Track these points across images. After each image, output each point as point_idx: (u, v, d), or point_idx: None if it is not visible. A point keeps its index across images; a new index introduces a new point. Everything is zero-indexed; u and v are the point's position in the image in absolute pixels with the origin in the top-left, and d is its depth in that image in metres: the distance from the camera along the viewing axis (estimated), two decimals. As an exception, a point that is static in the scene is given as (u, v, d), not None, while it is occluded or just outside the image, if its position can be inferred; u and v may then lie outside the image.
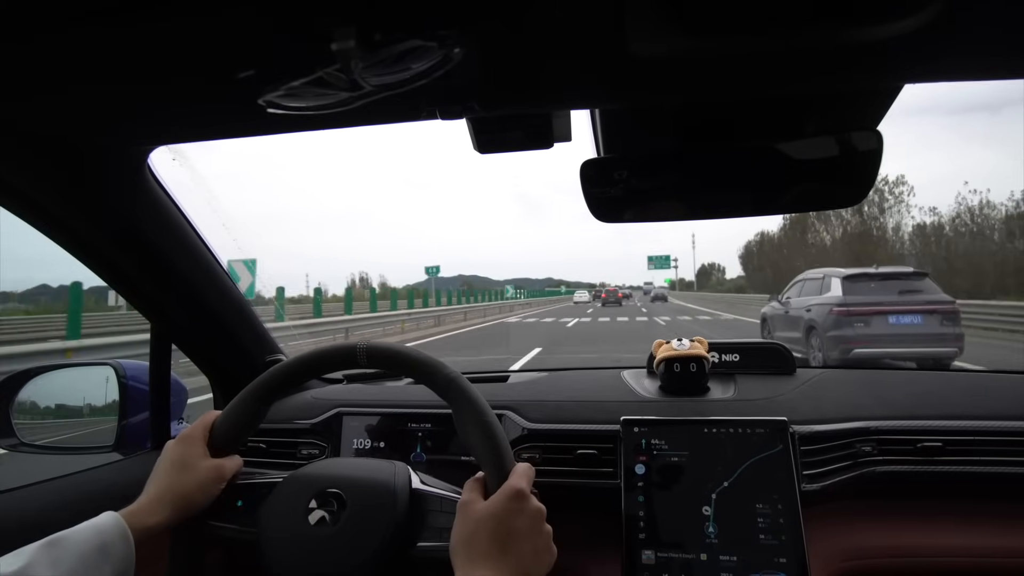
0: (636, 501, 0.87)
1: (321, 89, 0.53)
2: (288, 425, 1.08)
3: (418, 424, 1.04)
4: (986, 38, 0.55)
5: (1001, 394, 1.00)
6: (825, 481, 0.87)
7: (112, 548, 0.60)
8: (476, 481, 0.64)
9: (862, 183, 0.77)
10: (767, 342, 1.18)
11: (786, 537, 0.81)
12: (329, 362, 0.75)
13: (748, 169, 0.79)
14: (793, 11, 0.49)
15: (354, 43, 0.46)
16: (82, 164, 0.78)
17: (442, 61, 0.50)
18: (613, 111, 0.78)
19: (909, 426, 0.92)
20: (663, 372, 1.06)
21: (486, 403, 0.67)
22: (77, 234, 0.88)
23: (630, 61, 0.57)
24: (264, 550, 0.66)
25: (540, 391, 1.10)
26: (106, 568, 0.59)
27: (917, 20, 0.49)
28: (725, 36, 0.53)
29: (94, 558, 0.58)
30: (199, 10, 0.46)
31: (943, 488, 0.91)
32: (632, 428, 0.92)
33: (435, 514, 0.67)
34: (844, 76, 0.64)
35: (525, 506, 0.60)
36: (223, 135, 0.77)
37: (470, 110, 0.68)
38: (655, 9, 0.48)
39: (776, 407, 0.96)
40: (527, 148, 0.78)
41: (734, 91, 0.69)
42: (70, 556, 0.57)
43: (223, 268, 1.07)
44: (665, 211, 0.85)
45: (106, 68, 0.55)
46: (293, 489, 0.69)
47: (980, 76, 0.64)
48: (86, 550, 0.58)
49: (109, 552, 0.60)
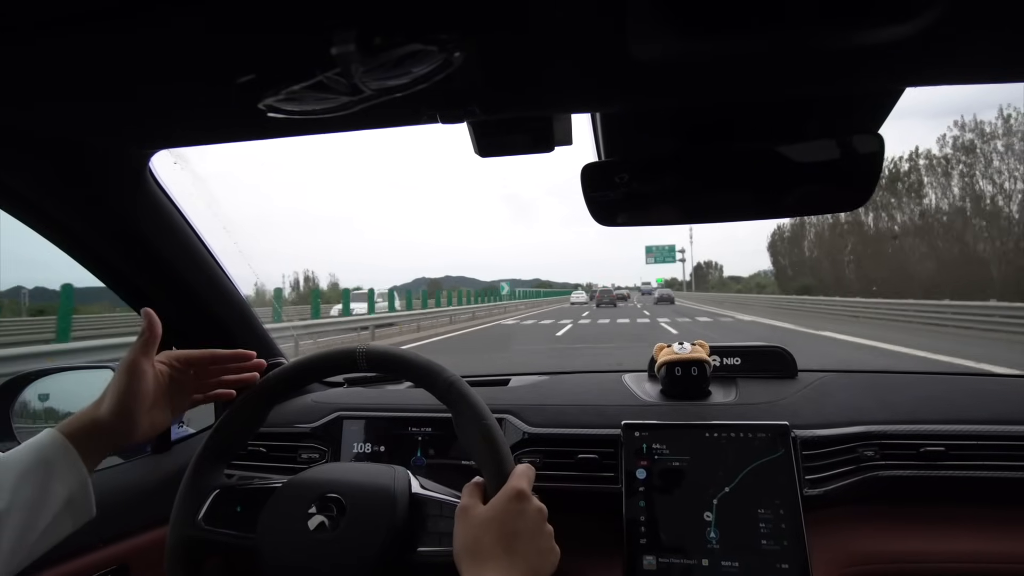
0: (637, 506, 0.87)
1: (322, 93, 0.53)
2: (288, 429, 1.08)
3: (418, 428, 1.03)
4: (986, 41, 0.55)
5: (1004, 398, 0.99)
6: (827, 486, 0.87)
7: (56, 464, 0.58)
8: (475, 486, 0.64)
9: (864, 186, 0.77)
10: (769, 345, 1.18)
11: (788, 543, 0.80)
12: (329, 366, 0.75)
13: (749, 172, 0.79)
14: (793, 15, 0.49)
15: (355, 47, 0.46)
16: (84, 167, 0.79)
17: (443, 65, 0.50)
18: (614, 114, 0.78)
19: (912, 430, 0.92)
20: (664, 376, 1.05)
21: (486, 407, 0.67)
22: (78, 237, 0.88)
23: (631, 64, 0.57)
24: (263, 556, 0.65)
25: (541, 395, 1.10)
26: (54, 485, 0.58)
27: (917, 24, 0.49)
28: (726, 39, 0.53)
29: (36, 474, 0.57)
30: (201, 13, 0.46)
31: (946, 493, 0.90)
32: (633, 432, 0.91)
33: (435, 519, 0.67)
34: (845, 79, 0.64)
35: (526, 507, 0.60)
36: (224, 139, 0.78)
37: (471, 114, 0.68)
38: (656, 12, 0.48)
39: (778, 411, 0.96)
40: (528, 152, 0.78)
41: (735, 94, 0.69)
42: (11, 474, 0.56)
43: (224, 271, 1.07)
44: (666, 214, 0.85)
45: (108, 72, 0.56)
46: (292, 494, 0.69)
47: (980, 79, 0.64)
48: (26, 468, 0.57)
49: (53, 468, 0.58)
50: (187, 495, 0.71)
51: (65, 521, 0.59)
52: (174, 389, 0.72)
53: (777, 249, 50.46)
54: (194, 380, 0.75)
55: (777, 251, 50.62)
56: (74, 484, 0.59)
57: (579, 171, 0.81)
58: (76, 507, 0.60)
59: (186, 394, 0.74)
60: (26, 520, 0.56)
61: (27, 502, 0.56)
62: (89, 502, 0.62)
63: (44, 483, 0.57)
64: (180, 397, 0.73)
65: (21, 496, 0.56)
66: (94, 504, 0.62)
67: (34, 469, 0.57)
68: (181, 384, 0.73)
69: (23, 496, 0.56)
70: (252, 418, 0.75)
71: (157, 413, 0.69)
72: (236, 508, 0.71)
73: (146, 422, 0.67)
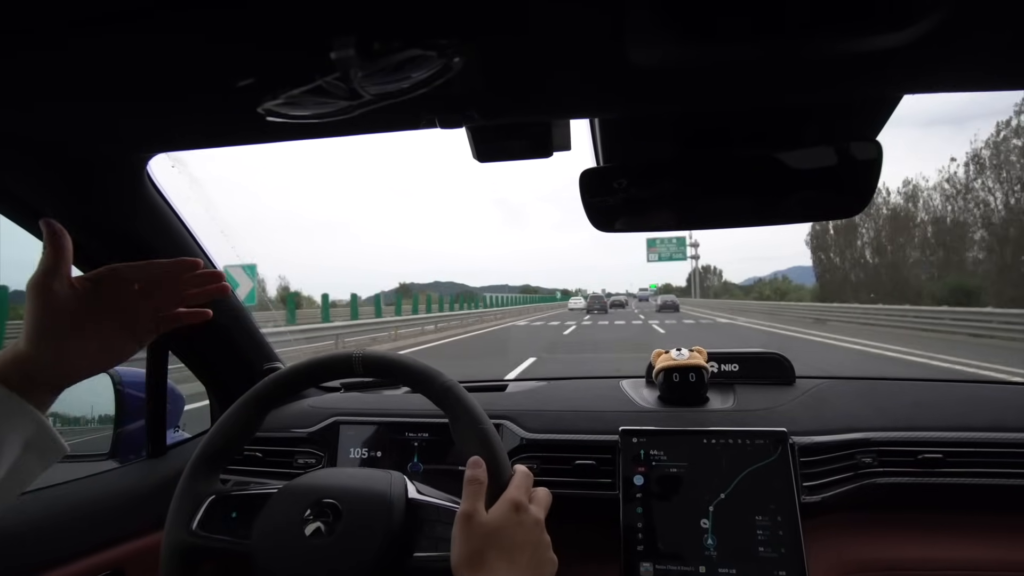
0: (635, 512, 0.86)
1: (321, 98, 0.53)
2: (285, 434, 1.07)
3: (415, 433, 1.03)
4: (984, 49, 0.56)
5: (1001, 405, 0.99)
6: (825, 493, 0.87)
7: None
8: (475, 490, 0.63)
9: (863, 193, 0.77)
10: (767, 352, 1.18)
11: (786, 550, 0.80)
12: (326, 370, 0.75)
13: (748, 178, 0.79)
14: (792, 22, 0.49)
15: (354, 52, 0.46)
16: (81, 170, 0.78)
17: (442, 70, 0.50)
18: (613, 120, 0.79)
19: (909, 437, 0.92)
20: (662, 382, 1.05)
21: (483, 412, 0.67)
22: (74, 240, 0.88)
23: (630, 70, 0.57)
24: (258, 562, 0.65)
25: (538, 400, 1.10)
26: (3, 431, 0.53)
27: (915, 31, 0.49)
28: (724, 45, 0.53)
29: None
30: (200, 18, 0.46)
31: (944, 500, 0.90)
32: (631, 438, 0.91)
33: (432, 524, 0.67)
34: (843, 86, 0.65)
35: (524, 517, 0.60)
36: (223, 143, 0.77)
37: (470, 119, 0.68)
38: (655, 18, 0.48)
39: (775, 418, 0.96)
40: (526, 157, 0.78)
41: (734, 100, 0.70)
42: None
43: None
44: (664, 220, 0.85)
45: (106, 76, 0.55)
46: (288, 500, 0.68)
47: (978, 87, 0.65)
48: None
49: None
50: (182, 500, 0.71)
51: (31, 461, 0.55)
52: (120, 308, 0.63)
53: (821, 244, 40.90)
54: (145, 298, 0.65)
55: (823, 246, 40.78)
56: (28, 426, 0.55)
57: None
58: (39, 447, 0.56)
59: (142, 313, 0.65)
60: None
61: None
62: (54, 440, 0.57)
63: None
64: (133, 318, 0.64)
65: None
66: (62, 441, 0.57)
67: None
68: (127, 303, 0.64)
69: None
70: (248, 423, 0.75)
71: (101, 335, 0.61)
72: (232, 514, 0.71)
73: (84, 346, 0.59)
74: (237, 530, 0.69)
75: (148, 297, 0.65)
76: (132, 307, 0.64)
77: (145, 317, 0.65)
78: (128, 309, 0.64)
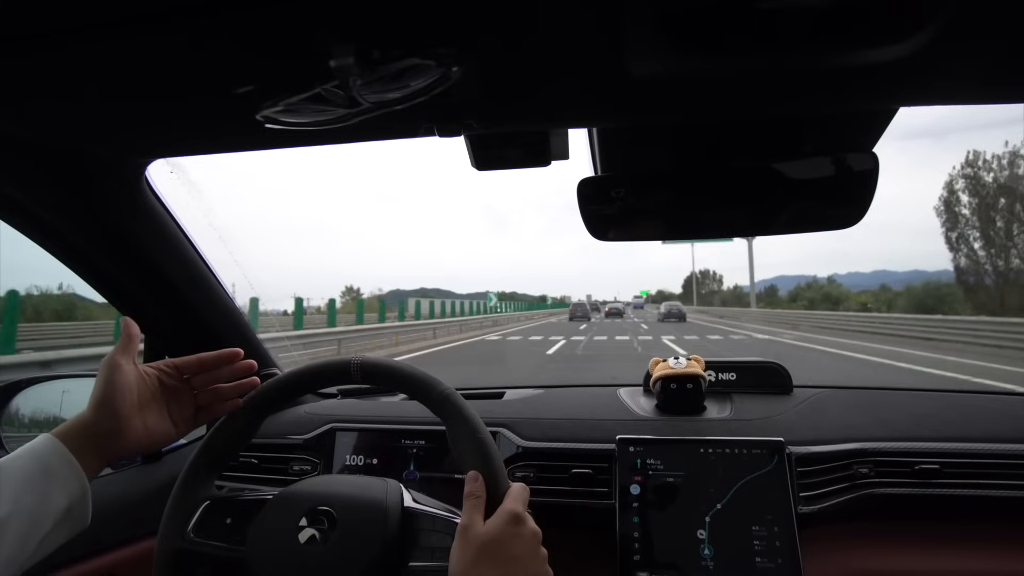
0: (631, 522, 0.86)
1: (319, 106, 0.53)
2: (281, 440, 1.07)
3: (412, 441, 1.03)
4: (980, 62, 0.56)
5: (999, 416, 0.99)
6: (822, 503, 0.87)
7: (57, 471, 0.57)
8: (475, 504, 0.63)
9: (859, 204, 0.77)
10: (764, 361, 1.18)
11: (783, 560, 0.80)
12: (323, 377, 0.75)
13: (745, 189, 0.80)
14: (789, 34, 0.50)
15: (353, 61, 0.46)
16: (82, 175, 0.79)
17: (441, 79, 0.51)
18: (611, 130, 0.79)
19: (907, 448, 0.92)
20: (659, 391, 1.05)
21: (480, 420, 0.67)
22: (73, 245, 0.88)
23: (628, 81, 0.57)
24: (252, 569, 0.64)
25: (535, 409, 1.09)
26: (56, 493, 0.56)
27: (911, 44, 0.50)
28: (722, 57, 0.53)
29: (37, 481, 0.55)
30: (199, 25, 0.46)
31: (941, 511, 0.90)
32: (628, 447, 0.91)
33: (427, 533, 0.66)
34: (840, 98, 0.65)
35: (522, 530, 0.60)
36: (221, 149, 0.78)
37: (468, 128, 0.68)
38: (652, 30, 0.49)
39: (773, 427, 0.96)
40: (525, 165, 0.79)
41: (731, 111, 0.70)
42: (12, 482, 0.54)
43: (219, 281, 1.07)
44: (661, 230, 0.85)
45: (106, 81, 0.56)
46: (283, 507, 0.68)
47: (974, 100, 0.65)
48: (27, 475, 0.55)
49: (55, 476, 0.56)
50: (177, 506, 0.70)
51: (62, 530, 0.58)
52: (171, 398, 0.70)
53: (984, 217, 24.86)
54: (191, 390, 0.73)
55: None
56: (75, 492, 0.58)
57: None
58: (74, 516, 0.59)
59: (186, 404, 0.72)
60: (26, 529, 0.54)
61: (28, 510, 0.54)
62: (86, 511, 0.60)
63: (45, 491, 0.55)
64: (180, 408, 0.71)
65: (22, 504, 0.54)
66: (90, 513, 0.60)
67: (35, 476, 0.56)
68: (178, 394, 0.71)
69: (24, 504, 0.54)
70: (244, 429, 0.74)
71: (152, 418, 0.67)
72: (226, 520, 0.70)
73: (139, 425, 0.64)
74: (231, 536, 0.68)
75: (194, 390, 0.73)
76: (181, 398, 0.71)
77: (187, 409, 0.72)
78: (178, 399, 0.71)
